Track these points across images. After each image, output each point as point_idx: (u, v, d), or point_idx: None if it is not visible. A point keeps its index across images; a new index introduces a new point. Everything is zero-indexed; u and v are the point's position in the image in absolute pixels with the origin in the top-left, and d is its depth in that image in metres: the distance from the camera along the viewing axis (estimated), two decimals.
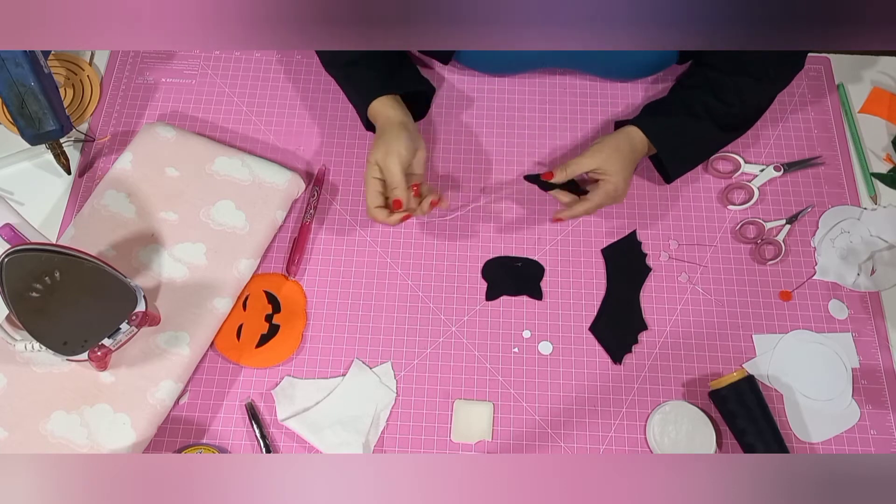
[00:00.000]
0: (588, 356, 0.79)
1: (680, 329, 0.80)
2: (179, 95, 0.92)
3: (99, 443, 0.71)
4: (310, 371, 0.78)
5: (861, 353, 0.79)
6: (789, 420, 0.76)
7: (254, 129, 0.90)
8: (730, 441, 0.75)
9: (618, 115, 0.91)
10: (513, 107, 0.92)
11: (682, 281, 0.83)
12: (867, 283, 0.82)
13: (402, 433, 0.76)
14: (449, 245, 0.84)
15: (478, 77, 0.93)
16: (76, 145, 0.88)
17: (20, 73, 0.79)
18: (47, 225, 0.84)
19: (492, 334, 0.80)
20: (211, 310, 0.77)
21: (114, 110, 0.91)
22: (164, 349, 0.74)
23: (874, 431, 0.76)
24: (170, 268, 0.78)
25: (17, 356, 0.73)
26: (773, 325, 0.81)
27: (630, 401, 0.77)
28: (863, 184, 0.88)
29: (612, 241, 0.84)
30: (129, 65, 0.94)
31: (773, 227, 0.85)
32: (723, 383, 0.75)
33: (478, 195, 0.87)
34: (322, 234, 0.85)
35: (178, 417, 0.76)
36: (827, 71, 0.95)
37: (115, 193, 0.82)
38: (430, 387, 0.78)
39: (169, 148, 0.84)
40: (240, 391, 0.77)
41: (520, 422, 0.76)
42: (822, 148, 0.90)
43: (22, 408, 0.72)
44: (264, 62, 0.95)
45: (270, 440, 0.75)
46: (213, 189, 0.82)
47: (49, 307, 0.66)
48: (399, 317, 0.81)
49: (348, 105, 0.92)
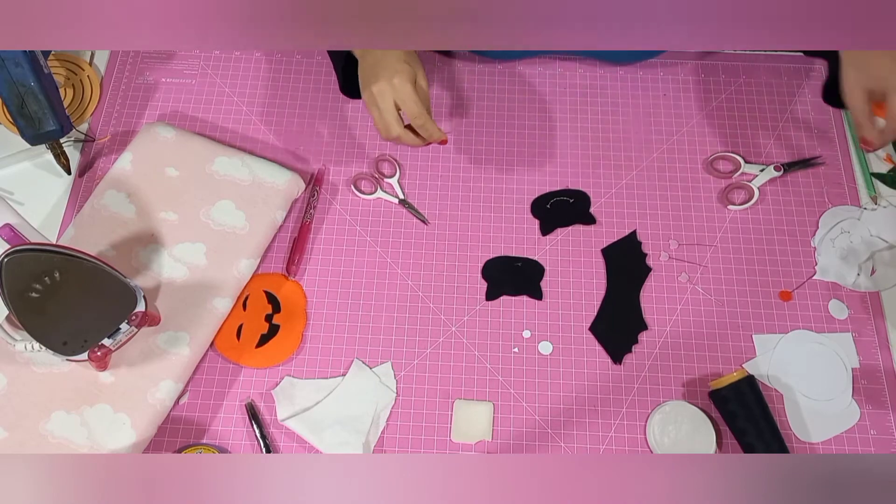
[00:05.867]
0: (588, 356, 0.79)
1: (680, 329, 0.80)
2: (179, 95, 0.92)
3: (99, 443, 0.71)
4: (310, 371, 0.78)
5: (861, 353, 0.79)
6: (789, 420, 0.76)
7: (254, 129, 0.90)
8: (730, 441, 0.75)
9: (619, 111, 0.91)
10: (513, 105, 0.92)
11: (682, 281, 0.83)
12: (867, 283, 0.82)
13: (402, 433, 0.76)
14: (449, 245, 0.84)
15: (480, 76, 0.93)
16: (76, 145, 0.88)
17: (20, 73, 0.79)
18: (47, 225, 0.84)
19: (492, 334, 0.80)
20: (211, 310, 0.77)
21: (114, 110, 0.91)
22: (164, 349, 0.74)
23: (874, 431, 0.76)
24: (170, 268, 0.78)
25: (17, 356, 0.73)
26: (773, 325, 0.81)
27: (630, 401, 0.77)
28: (863, 184, 0.88)
29: (612, 240, 0.84)
30: (129, 65, 0.94)
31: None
32: (723, 383, 0.75)
33: (478, 193, 0.87)
34: (322, 234, 0.85)
35: (178, 417, 0.76)
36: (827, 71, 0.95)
37: (115, 193, 0.82)
38: (430, 387, 0.78)
39: (169, 148, 0.84)
40: (240, 391, 0.77)
41: (520, 422, 0.76)
42: (822, 148, 0.90)
43: (22, 408, 0.72)
44: (264, 62, 0.95)
45: (270, 440, 0.75)
46: (213, 189, 0.82)
47: (49, 307, 0.66)
48: (399, 317, 0.81)
49: (348, 105, 0.92)
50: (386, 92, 0.72)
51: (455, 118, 0.91)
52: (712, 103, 0.93)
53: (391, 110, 0.73)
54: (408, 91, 0.72)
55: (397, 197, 0.86)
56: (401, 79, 0.72)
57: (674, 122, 0.91)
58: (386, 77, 0.72)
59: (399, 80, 0.72)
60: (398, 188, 0.87)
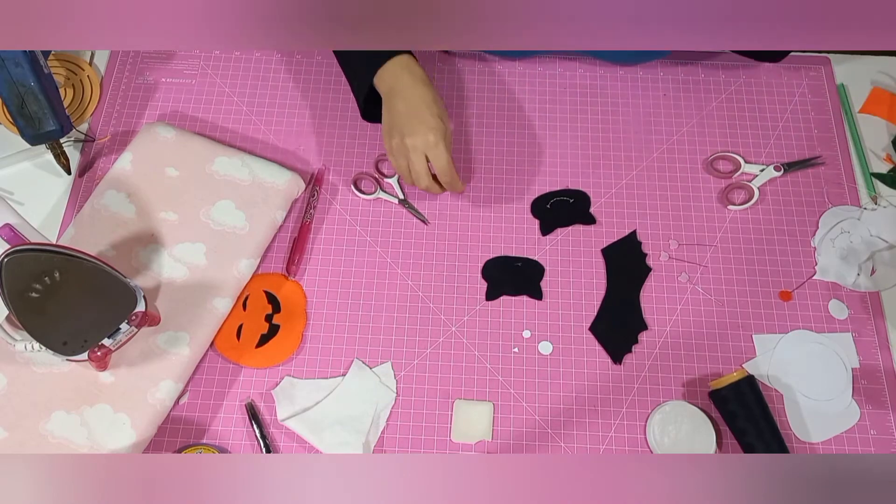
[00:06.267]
0: (588, 356, 0.79)
1: (680, 329, 0.80)
2: (179, 95, 0.92)
3: (99, 443, 0.71)
4: (310, 371, 0.78)
5: (861, 353, 0.79)
6: (789, 420, 0.76)
7: (254, 129, 0.90)
8: (730, 441, 0.75)
9: (619, 111, 0.91)
10: (513, 107, 0.92)
11: (682, 281, 0.83)
12: (867, 283, 0.82)
13: (402, 433, 0.76)
14: (449, 245, 0.84)
15: (480, 76, 0.93)
16: (76, 145, 0.88)
17: (20, 73, 0.79)
18: (47, 225, 0.84)
19: (492, 334, 0.80)
20: (211, 310, 0.77)
21: (114, 110, 0.91)
22: (164, 349, 0.74)
23: (874, 431, 0.76)
24: (170, 268, 0.78)
25: (17, 356, 0.73)
26: (773, 325, 0.81)
27: (630, 401, 0.77)
28: (863, 184, 0.88)
29: (612, 240, 0.84)
30: (129, 65, 0.94)
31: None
32: (723, 383, 0.75)
33: (478, 193, 0.87)
34: (322, 234, 0.85)
35: (178, 417, 0.76)
36: (827, 71, 0.95)
37: (115, 193, 0.82)
38: (430, 387, 0.78)
39: (169, 148, 0.84)
40: (240, 391, 0.77)
41: (520, 422, 0.76)
42: (822, 148, 0.90)
43: (22, 408, 0.72)
44: (264, 62, 0.95)
45: (270, 440, 0.75)
46: (213, 189, 0.82)
47: (49, 307, 0.66)
48: (399, 317, 0.81)
49: (348, 105, 0.92)
50: (419, 147, 0.75)
51: (455, 118, 0.91)
52: (712, 103, 0.93)
53: (423, 164, 0.76)
54: (441, 150, 0.75)
55: (397, 197, 0.86)
56: (436, 137, 0.74)
57: (674, 122, 0.91)
58: (422, 133, 0.74)
59: (434, 137, 0.74)
60: (398, 188, 0.87)
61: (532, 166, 0.89)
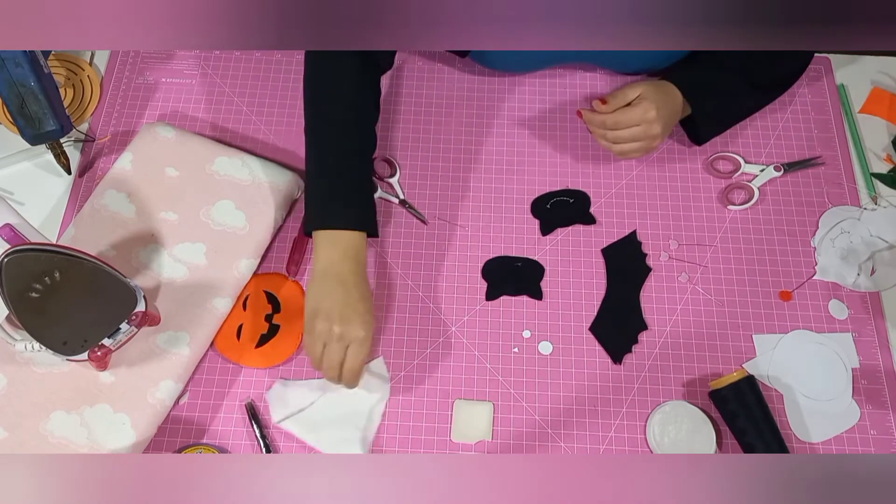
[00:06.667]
0: (588, 356, 0.79)
1: (680, 329, 0.80)
2: (179, 95, 0.92)
3: (99, 443, 0.71)
4: (309, 371, 0.78)
5: (861, 353, 0.79)
6: (789, 420, 0.76)
7: (254, 129, 0.90)
8: (730, 441, 0.75)
9: None
10: (513, 106, 0.92)
11: (682, 281, 0.83)
12: (867, 283, 0.82)
13: (402, 433, 0.76)
14: (449, 245, 0.84)
15: (480, 76, 0.93)
16: (76, 145, 0.88)
17: (20, 73, 0.79)
18: (47, 225, 0.84)
19: (492, 334, 0.80)
20: (211, 310, 0.77)
21: (114, 110, 0.91)
22: (164, 349, 0.74)
23: (874, 431, 0.76)
24: (170, 268, 0.78)
25: (17, 356, 0.73)
26: (773, 325, 0.81)
27: (630, 401, 0.77)
28: (863, 184, 0.88)
29: (612, 240, 0.84)
30: (129, 65, 0.94)
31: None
32: (723, 383, 0.75)
33: (478, 193, 0.87)
34: None
35: (178, 417, 0.76)
36: (827, 71, 0.95)
37: (115, 193, 0.82)
38: (430, 387, 0.78)
39: (169, 148, 0.84)
40: (240, 391, 0.77)
41: (520, 422, 0.76)
42: (822, 148, 0.90)
43: (22, 408, 0.72)
44: (264, 62, 0.95)
45: (270, 440, 0.75)
46: (213, 189, 0.82)
47: (49, 307, 0.66)
48: (399, 316, 0.81)
49: None
50: (346, 339, 0.70)
51: (455, 118, 0.91)
52: None
53: (341, 356, 0.70)
54: (365, 348, 0.70)
55: (397, 197, 0.86)
56: (367, 333, 0.70)
57: None
58: (355, 326, 0.69)
59: (365, 333, 0.70)
60: (398, 188, 0.87)
61: (532, 166, 0.89)
